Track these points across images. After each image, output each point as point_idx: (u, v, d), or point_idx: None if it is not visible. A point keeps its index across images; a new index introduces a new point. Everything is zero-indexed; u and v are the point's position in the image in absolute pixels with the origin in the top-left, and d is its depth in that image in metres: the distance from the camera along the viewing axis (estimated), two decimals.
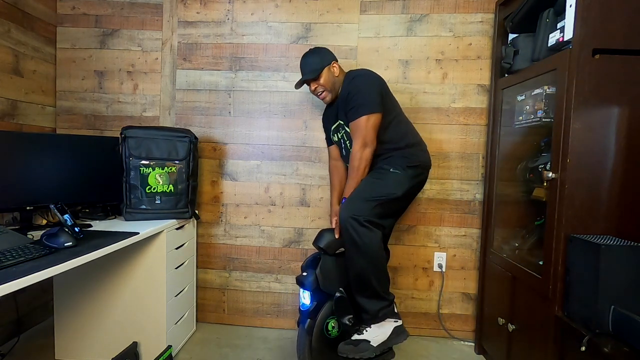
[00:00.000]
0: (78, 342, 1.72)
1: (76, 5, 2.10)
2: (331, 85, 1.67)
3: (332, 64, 1.67)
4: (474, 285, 2.01)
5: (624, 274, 1.09)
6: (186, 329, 1.94)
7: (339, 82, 1.68)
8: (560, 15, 1.33)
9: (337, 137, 1.76)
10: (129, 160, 1.67)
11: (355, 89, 1.56)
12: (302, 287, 1.53)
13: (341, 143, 1.74)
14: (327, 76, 1.66)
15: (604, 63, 1.20)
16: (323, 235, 1.55)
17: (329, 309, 1.53)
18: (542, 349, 1.33)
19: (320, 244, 1.53)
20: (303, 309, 1.54)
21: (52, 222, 1.62)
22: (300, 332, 1.54)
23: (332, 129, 1.78)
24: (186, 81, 2.10)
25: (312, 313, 1.51)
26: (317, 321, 1.51)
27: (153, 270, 1.66)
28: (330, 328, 1.54)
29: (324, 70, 1.66)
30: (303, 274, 1.55)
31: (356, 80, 1.58)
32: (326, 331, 1.54)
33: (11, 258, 1.07)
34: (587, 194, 1.23)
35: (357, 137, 1.54)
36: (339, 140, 1.75)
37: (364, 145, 1.52)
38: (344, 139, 1.70)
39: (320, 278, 1.50)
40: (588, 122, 1.22)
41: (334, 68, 1.68)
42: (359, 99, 1.54)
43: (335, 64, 1.68)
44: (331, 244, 1.52)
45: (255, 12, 2.05)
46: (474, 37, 1.95)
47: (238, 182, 2.11)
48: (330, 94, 1.68)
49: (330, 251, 1.53)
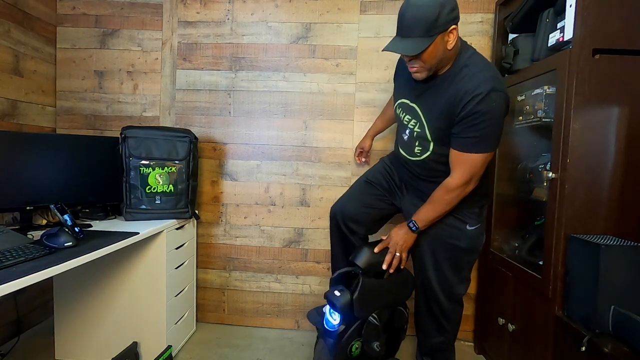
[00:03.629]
0: (78, 342, 1.72)
1: (76, 5, 2.10)
2: (436, 63, 1.18)
3: (451, 30, 1.12)
4: (474, 285, 2.00)
5: (624, 274, 1.09)
6: (186, 329, 1.94)
7: (448, 60, 1.19)
8: (560, 15, 1.33)
9: (402, 116, 1.39)
10: (129, 160, 1.67)
11: (488, 113, 1.13)
12: (332, 307, 1.36)
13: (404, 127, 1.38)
14: (436, 50, 1.13)
15: (604, 63, 1.20)
16: (362, 252, 1.37)
17: (357, 331, 1.38)
18: (542, 349, 1.33)
19: (359, 262, 1.35)
20: (330, 329, 1.38)
21: (52, 222, 1.62)
22: (323, 349, 1.41)
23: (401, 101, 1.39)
24: (186, 81, 2.10)
25: (340, 335, 1.36)
26: (342, 343, 1.36)
27: (153, 270, 1.66)
28: (354, 350, 1.40)
29: (436, 40, 1.11)
30: (335, 293, 1.35)
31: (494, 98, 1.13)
32: (349, 352, 1.40)
33: (11, 258, 1.07)
34: (587, 194, 1.23)
35: (464, 170, 1.23)
36: (402, 122, 1.39)
37: (469, 182, 1.24)
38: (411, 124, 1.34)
39: (356, 305, 1.32)
40: (588, 122, 1.21)
41: (450, 35, 1.13)
42: (488, 131, 1.16)
43: (454, 29, 1.13)
44: (372, 265, 1.35)
45: (255, 12, 2.05)
46: (474, 37, 1.94)
47: (238, 182, 2.11)
48: (427, 72, 1.20)
49: (370, 273, 1.37)
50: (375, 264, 1.37)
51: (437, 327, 1.49)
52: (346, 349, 1.38)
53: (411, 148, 1.38)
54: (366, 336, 1.39)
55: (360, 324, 1.38)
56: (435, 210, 1.32)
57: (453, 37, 1.14)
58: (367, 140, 1.87)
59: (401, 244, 1.38)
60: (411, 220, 1.36)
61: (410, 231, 1.37)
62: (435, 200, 1.31)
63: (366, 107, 2.01)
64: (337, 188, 2.05)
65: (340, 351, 1.36)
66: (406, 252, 1.40)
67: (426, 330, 1.52)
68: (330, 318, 1.38)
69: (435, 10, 1.08)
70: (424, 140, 1.32)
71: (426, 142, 1.32)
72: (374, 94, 2.00)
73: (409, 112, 1.36)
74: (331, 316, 1.38)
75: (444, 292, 1.43)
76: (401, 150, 1.45)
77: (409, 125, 1.36)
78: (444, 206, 1.29)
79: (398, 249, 1.38)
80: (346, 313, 1.33)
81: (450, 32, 1.13)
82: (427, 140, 1.31)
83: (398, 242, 1.38)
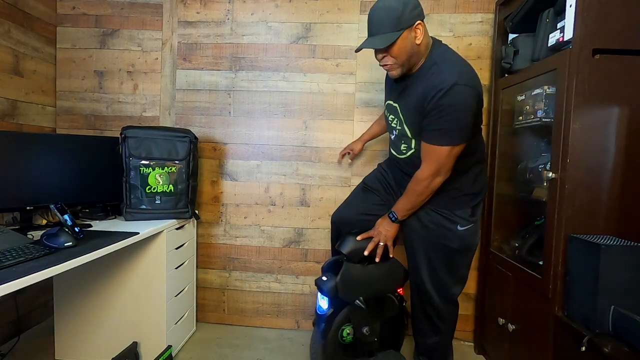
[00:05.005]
0: (78, 342, 1.72)
1: (76, 5, 2.10)
2: (406, 58, 1.23)
3: (416, 26, 1.20)
4: (474, 285, 2.00)
5: (624, 274, 1.09)
6: (186, 329, 1.94)
7: (419, 55, 1.25)
8: (560, 15, 1.33)
9: (388, 116, 1.48)
10: (129, 160, 1.67)
11: (451, 106, 1.17)
12: (320, 292, 1.48)
13: (391, 127, 1.46)
14: (404, 45, 1.20)
15: (604, 63, 1.20)
16: (347, 240, 1.48)
17: (346, 315, 1.47)
18: (542, 349, 1.33)
19: (343, 250, 1.46)
20: (320, 313, 1.49)
21: (52, 222, 1.62)
22: (315, 335, 1.51)
23: (387, 103, 1.47)
24: (186, 81, 2.10)
25: (329, 319, 1.46)
26: (332, 327, 1.45)
27: (153, 270, 1.66)
28: (346, 335, 1.49)
29: (402, 35, 1.18)
30: (322, 278, 1.48)
31: (458, 92, 1.16)
32: (341, 337, 1.49)
33: (11, 258, 1.07)
34: (587, 194, 1.23)
35: (431, 162, 1.26)
36: (389, 122, 1.47)
37: (437, 174, 1.27)
38: (394, 124, 1.42)
39: (340, 287, 1.42)
40: (588, 122, 1.21)
41: (416, 31, 1.20)
42: (452, 124, 1.19)
43: (420, 25, 1.20)
44: (355, 251, 1.45)
45: (255, 12, 2.05)
46: (474, 37, 1.94)
47: (238, 182, 2.11)
48: (401, 68, 1.27)
49: (354, 259, 1.45)
50: (359, 250, 1.45)
51: (432, 328, 1.51)
52: (337, 333, 1.46)
53: (398, 147, 1.44)
54: (354, 321, 1.46)
55: (348, 310, 1.46)
56: (409, 201, 1.37)
57: (420, 32, 1.21)
58: (358, 144, 1.86)
59: (384, 234, 1.43)
60: (391, 211, 1.42)
61: (391, 222, 1.42)
62: (408, 192, 1.36)
63: (366, 107, 2.01)
64: (337, 188, 2.05)
65: (331, 335, 1.45)
66: (390, 241, 1.44)
67: (422, 330, 1.54)
68: (320, 302, 1.49)
69: (398, 7, 1.18)
70: (406, 138, 1.38)
71: (408, 139, 1.37)
72: (373, 94, 2.00)
73: (393, 112, 1.43)
74: (320, 301, 1.48)
75: (438, 293, 1.45)
76: (392, 150, 1.52)
77: (393, 124, 1.44)
78: (416, 197, 1.34)
79: (382, 238, 1.43)
80: (333, 296, 1.43)
81: (416, 27, 1.20)
82: (409, 138, 1.37)
83: (381, 231, 1.44)
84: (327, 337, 1.45)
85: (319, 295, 1.50)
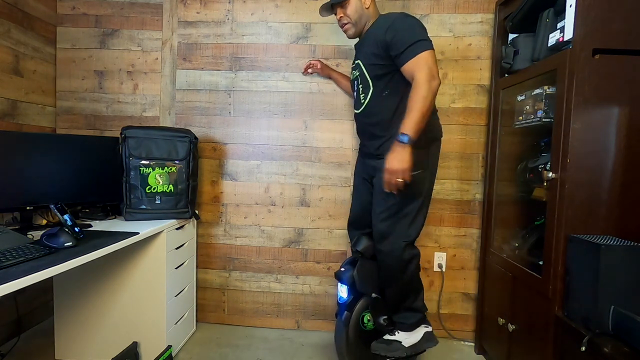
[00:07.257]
0: (78, 342, 1.72)
1: (76, 5, 2.10)
2: (357, 18, 1.51)
3: None
4: (474, 285, 2.01)
5: (624, 274, 1.09)
6: (186, 329, 1.94)
7: (367, 18, 1.52)
8: (560, 15, 1.33)
9: (351, 76, 1.66)
10: (129, 160, 1.67)
11: (406, 26, 1.38)
12: (340, 281, 1.63)
13: (354, 85, 1.62)
14: (356, 5, 1.49)
15: (604, 63, 1.20)
16: (361, 239, 1.63)
17: (365, 302, 1.62)
18: (542, 349, 1.33)
19: (358, 247, 1.62)
20: (341, 302, 1.64)
21: (52, 222, 1.62)
22: (338, 324, 1.63)
23: (353, 64, 1.65)
24: (186, 81, 2.10)
25: (349, 306, 1.60)
26: (353, 313, 1.59)
27: (153, 270, 1.66)
28: (366, 321, 1.62)
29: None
30: (341, 269, 1.65)
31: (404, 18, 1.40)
32: (362, 324, 1.62)
33: (11, 258, 1.07)
34: (587, 194, 1.23)
35: (421, 69, 1.32)
36: (353, 81, 1.64)
37: (431, 77, 1.32)
38: (357, 81, 1.58)
39: (357, 279, 1.58)
40: (588, 122, 1.21)
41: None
42: (413, 34, 1.35)
43: None
44: (368, 248, 1.60)
45: (255, 12, 2.05)
46: (474, 38, 1.95)
47: (238, 182, 2.11)
48: (354, 27, 1.53)
49: (368, 255, 1.60)
50: (372, 247, 1.60)
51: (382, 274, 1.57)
52: (358, 319, 1.61)
53: (359, 101, 1.58)
54: (373, 309, 1.63)
55: (367, 299, 1.62)
56: (417, 109, 1.30)
57: None
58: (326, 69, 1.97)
59: (399, 167, 1.31)
60: (400, 134, 1.31)
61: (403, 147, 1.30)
62: (411, 102, 1.32)
63: None
64: (337, 188, 2.05)
65: (353, 321, 1.59)
66: (408, 173, 1.32)
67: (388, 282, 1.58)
68: (340, 292, 1.64)
69: None
70: (365, 82, 1.52)
71: (366, 82, 1.52)
72: None
73: (355, 68, 1.60)
74: (340, 289, 1.64)
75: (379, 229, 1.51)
76: (355, 111, 1.64)
77: (354, 78, 1.61)
78: (422, 101, 1.30)
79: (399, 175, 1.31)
80: (351, 284, 1.60)
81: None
82: (367, 79, 1.52)
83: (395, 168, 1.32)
84: (349, 324, 1.57)
85: (338, 285, 1.65)
